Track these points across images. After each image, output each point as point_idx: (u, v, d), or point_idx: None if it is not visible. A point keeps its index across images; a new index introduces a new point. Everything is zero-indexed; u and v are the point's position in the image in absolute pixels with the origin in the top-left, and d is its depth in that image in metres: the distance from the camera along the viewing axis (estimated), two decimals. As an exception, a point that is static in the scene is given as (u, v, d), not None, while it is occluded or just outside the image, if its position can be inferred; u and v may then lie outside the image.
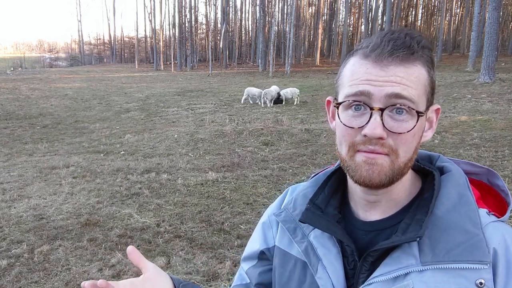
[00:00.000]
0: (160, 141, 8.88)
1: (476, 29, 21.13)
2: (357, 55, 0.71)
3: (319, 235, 0.78)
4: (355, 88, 0.68)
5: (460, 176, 0.75)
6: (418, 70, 0.68)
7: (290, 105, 13.80)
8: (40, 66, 47.18)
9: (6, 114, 13.01)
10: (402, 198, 0.76)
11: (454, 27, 50.76)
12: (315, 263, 0.77)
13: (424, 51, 0.69)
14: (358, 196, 0.78)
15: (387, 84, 0.66)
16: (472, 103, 11.26)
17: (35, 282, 3.41)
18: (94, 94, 18.60)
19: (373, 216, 0.77)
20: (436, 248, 0.67)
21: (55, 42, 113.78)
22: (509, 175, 5.49)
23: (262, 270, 0.90)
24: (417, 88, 0.67)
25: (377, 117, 0.66)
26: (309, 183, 0.88)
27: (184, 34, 43.06)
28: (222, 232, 4.28)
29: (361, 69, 0.69)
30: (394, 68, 0.66)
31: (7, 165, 7.09)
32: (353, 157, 0.70)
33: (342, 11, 49.60)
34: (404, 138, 0.67)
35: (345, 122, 0.69)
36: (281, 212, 0.87)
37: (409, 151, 0.69)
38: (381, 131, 0.65)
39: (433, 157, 0.82)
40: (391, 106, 0.66)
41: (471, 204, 0.70)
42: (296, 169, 6.46)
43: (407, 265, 0.67)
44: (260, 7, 37.57)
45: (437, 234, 0.68)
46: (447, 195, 0.71)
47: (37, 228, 4.40)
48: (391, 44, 0.67)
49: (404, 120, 0.67)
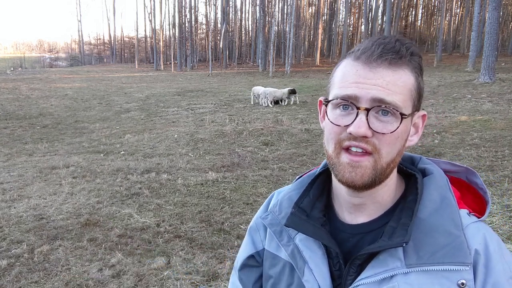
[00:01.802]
0: (160, 141, 8.88)
1: (476, 29, 21.12)
2: (349, 58, 0.74)
3: (304, 238, 0.80)
4: (344, 90, 0.71)
5: (442, 178, 0.77)
6: (405, 75, 0.71)
7: (290, 105, 13.81)
8: (40, 66, 47.17)
9: (6, 114, 13.01)
10: (387, 201, 0.78)
11: (454, 27, 50.73)
12: (301, 266, 0.78)
13: (413, 58, 0.72)
14: (343, 198, 0.79)
15: (373, 88, 0.69)
16: (472, 103, 11.25)
17: (35, 282, 3.41)
18: (94, 94, 18.60)
19: (359, 219, 0.78)
20: (420, 251, 0.69)
21: (55, 42, 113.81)
22: (509, 175, 5.49)
23: (254, 275, 0.90)
24: (402, 93, 0.70)
25: (362, 117, 0.68)
26: (294, 185, 0.88)
27: (184, 34, 43.06)
28: (222, 232, 4.28)
29: (351, 70, 0.72)
30: (382, 71, 0.69)
31: (7, 165, 7.09)
32: (339, 155, 0.72)
33: (342, 11, 49.65)
34: (388, 139, 0.70)
35: (333, 120, 0.72)
36: (267, 215, 0.87)
37: (392, 153, 0.71)
38: (365, 130, 0.68)
39: (414, 158, 0.85)
40: (377, 107, 0.69)
41: (453, 206, 0.73)
42: (296, 169, 6.46)
43: (393, 268, 0.70)
44: (260, 7, 37.56)
45: (421, 236, 0.70)
46: (429, 197, 0.74)
47: (37, 228, 4.40)
48: (381, 48, 0.70)
49: (389, 122, 0.69)
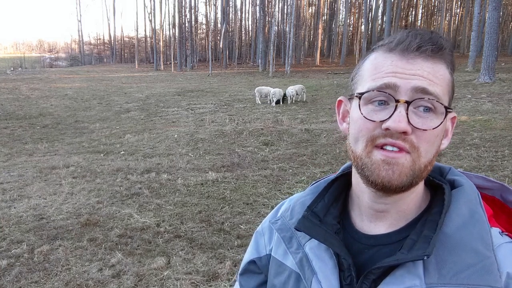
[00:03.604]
0: (160, 141, 8.89)
1: (476, 29, 21.11)
2: (380, 50, 0.68)
3: (315, 246, 0.73)
4: (380, 81, 0.65)
5: (472, 192, 0.70)
6: (443, 69, 0.66)
7: (290, 105, 13.81)
8: (40, 66, 47.13)
9: (6, 114, 13.01)
10: (411, 210, 0.71)
11: (454, 27, 50.75)
12: (309, 276, 0.72)
13: (449, 52, 0.67)
14: (364, 204, 0.73)
15: (414, 78, 0.63)
16: (472, 103, 11.25)
17: (35, 282, 3.41)
18: (94, 94, 18.60)
19: (378, 229, 0.72)
20: (443, 269, 0.62)
21: (55, 42, 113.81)
22: (509, 175, 5.49)
23: (253, 282, 0.86)
24: (443, 86, 0.65)
25: (402, 110, 0.62)
26: (308, 190, 0.83)
27: (184, 34, 43.06)
28: (222, 232, 4.28)
29: (386, 62, 0.66)
30: (421, 62, 0.64)
31: (7, 165, 7.09)
32: (370, 153, 0.65)
33: (342, 11, 49.66)
34: (428, 137, 0.64)
35: (366, 114, 0.65)
36: (278, 220, 0.82)
37: (431, 152, 0.65)
38: (405, 124, 0.62)
39: (443, 169, 0.77)
40: (418, 100, 0.63)
41: (483, 222, 0.65)
42: (296, 169, 6.46)
43: (411, 286, 0.62)
44: (260, 7, 37.57)
45: (444, 253, 0.63)
46: (457, 211, 0.66)
47: (37, 228, 4.40)
48: (419, 38, 0.65)
49: (429, 118, 0.64)
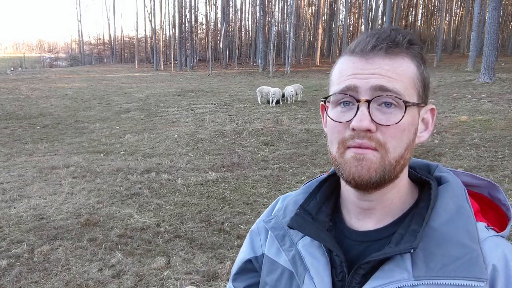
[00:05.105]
0: (160, 141, 8.88)
1: (476, 29, 21.14)
2: (345, 54, 0.72)
3: (307, 243, 0.75)
4: (343, 84, 0.68)
5: (458, 187, 0.72)
6: (405, 63, 0.68)
7: (290, 105, 13.81)
8: (40, 66, 47.11)
9: (6, 114, 13.01)
10: (397, 206, 0.73)
11: (454, 27, 50.77)
12: (302, 273, 0.74)
13: (412, 46, 0.69)
14: (351, 202, 0.75)
15: (372, 77, 0.66)
16: (472, 103, 11.25)
17: (35, 282, 3.41)
18: (94, 94, 18.59)
19: (367, 225, 0.74)
20: (430, 262, 0.64)
21: (55, 42, 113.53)
22: (509, 175, 5.49)
23: (249, 282, 0.87)
24: (403, 81, 0.67)
25: (364, 109, 0.65)
26: (301, 190, 0.85)
27: (184, 34, 43.06)
28: (222, 232, 4.28)
29: (348, 64, 0.69)
30: (379, 61, 0.67)
31: (7, 165, 7.09)
32: (343, 154, 0.68)
33: (342, 11, 49.64)
34: (392, 132, 0.66)
35: (334, 117, 0.69)
36: (271, 219, 0.84)
37: (400, 147, 0.67)
38: (368, 122, 0.64)
39: (431, 166, 0.80)
40: (378, 97, 0.65)
41: (469, 217, 0.67)
42: (296, 169, 6.46)
43: (399, 279, 0.64)
44: (260, 7, 37.56)
45: (431, 247, 0.65)
46: (444, 206, 0.69)
47: (37, 228, 4.40)
48: (375, 38, 0.68)
49: (393, 113, 0.66)
